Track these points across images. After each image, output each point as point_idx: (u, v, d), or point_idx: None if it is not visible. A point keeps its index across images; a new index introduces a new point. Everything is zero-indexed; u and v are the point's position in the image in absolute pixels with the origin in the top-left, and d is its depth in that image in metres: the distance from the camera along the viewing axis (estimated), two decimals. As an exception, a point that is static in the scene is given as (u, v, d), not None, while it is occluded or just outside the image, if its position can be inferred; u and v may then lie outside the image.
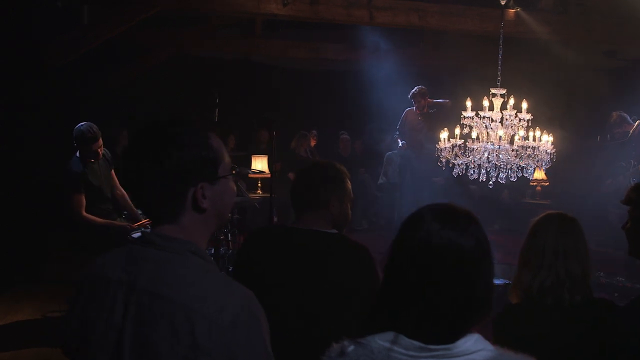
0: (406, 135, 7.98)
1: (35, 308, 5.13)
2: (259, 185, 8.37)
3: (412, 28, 7.41)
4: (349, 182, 2.45)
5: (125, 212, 5.08)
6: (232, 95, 10.38)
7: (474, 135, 5.02)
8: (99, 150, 4.76)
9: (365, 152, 10.79)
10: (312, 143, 10.09)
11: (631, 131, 6.48)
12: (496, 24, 6.98)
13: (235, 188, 1.56)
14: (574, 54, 7.72)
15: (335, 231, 2.40)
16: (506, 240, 9.04)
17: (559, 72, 8.08)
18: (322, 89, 10.91)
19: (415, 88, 7.78)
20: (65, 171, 4.72)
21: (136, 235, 1.48)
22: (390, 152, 9.97)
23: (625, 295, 5.97)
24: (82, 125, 4.68)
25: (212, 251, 4.41)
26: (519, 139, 5.02)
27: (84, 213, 4.71)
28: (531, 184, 9.39)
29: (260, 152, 9.18)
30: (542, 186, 9.68)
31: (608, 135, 6.68)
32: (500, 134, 4.95)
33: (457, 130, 5.18)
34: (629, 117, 6.53)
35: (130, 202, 5.24)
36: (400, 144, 7.85)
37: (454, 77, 10.07)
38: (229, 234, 4.39)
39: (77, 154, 4.79)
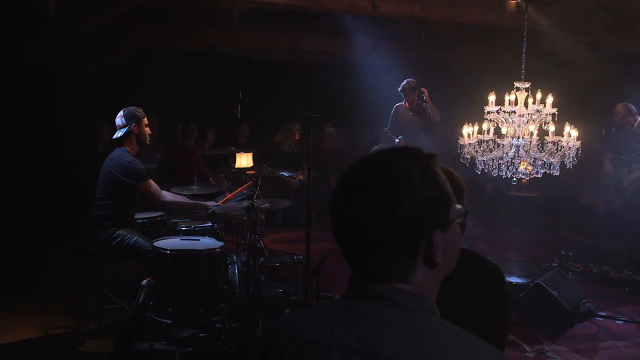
0: (399, 132, 7.73)
1: (34, 324, 4.70)
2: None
3: (414, 19, 7.20)
4: None
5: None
6: (210, 88, 10.01)
7: (503, 131, 4.84)
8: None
9: (348, 147, 10.58)
10: (296, 137, 9.77)
11: (636, 124, 6.45)
12: (499, 15, 6.90)
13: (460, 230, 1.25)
14: (569, 46, 7.67)
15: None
16: (494, 233, 9.01)
17: (555, 64, 8.02)
18: (304, 81, 10.61)
19: (405, 81, 7.54)
20: (129, 162, 4.42)
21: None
22: (377, 147, 9.78)
23: (637, 289, 5.93)
24: (124, 109, 4.54)
25: (246, 259, 4.10)
26: (548, 135, 4.87)
27: (166, 197, 4.49)
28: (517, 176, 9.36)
29: (240, 148, 8.84)
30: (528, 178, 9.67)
31: (613, 128, 6.64)
32: (532, 129, 4.79)
33: (485, 126, 4.99)
34: (634, 108, 6.49)
35: None
36: (397, 141, 7.58)
37: (442, 70, 9.97)
38: (261, 241, 4.08)
39: (126, 147, 4.54)
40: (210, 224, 4.73)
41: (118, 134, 4.57)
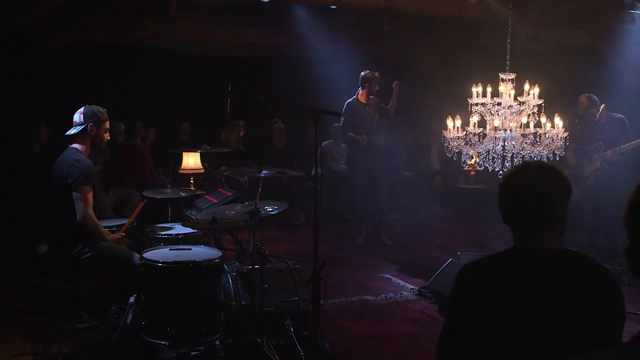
0: (357, 128, 7.36)
1: (-5, 352, 4.12)
2: (191, 182, 7.53)
3: (378, 10, 6.99)
4: None
5: None
6: (148, 84, 9.40)
7: (496, 123, 4.72)
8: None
9: (293, 141, 10.29)
10: (241, 134, 9.38)
11: (598, 114, 6.54)
12: (463, 7, 6.81)
13: None
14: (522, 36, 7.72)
15: (574, 249, 1.94)
16: (445, 226, 9.01)
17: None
18: (245, 75, 10.19)
19: (363, 73, 7.22)
20: (78, 160, 3.95)
21: None
22: (326, 142, 9.53)
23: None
24: (85, 107, 4.10)
25: (245, 268, 3.73)
26: (537, 128, 4.80)
27: (92, 213, 3.96)
28: (465, 169, 9.33)
29: (185, 146, 8.37)
30: (476, 171, 9.71)
31: (577, 119, 6.70)
32: (524, 121, 4.70)
33: (474, 119, 4.86)
34: (597, 99, 6.58)
35: None
36: (361, 138, 7.22)
37: (389, 61, 9.86)
38: (263, 248, 3.71)
39: (77, 145, 4.08)
40: (193, 230, 4.32)
41: (72, 130, 4.10)
